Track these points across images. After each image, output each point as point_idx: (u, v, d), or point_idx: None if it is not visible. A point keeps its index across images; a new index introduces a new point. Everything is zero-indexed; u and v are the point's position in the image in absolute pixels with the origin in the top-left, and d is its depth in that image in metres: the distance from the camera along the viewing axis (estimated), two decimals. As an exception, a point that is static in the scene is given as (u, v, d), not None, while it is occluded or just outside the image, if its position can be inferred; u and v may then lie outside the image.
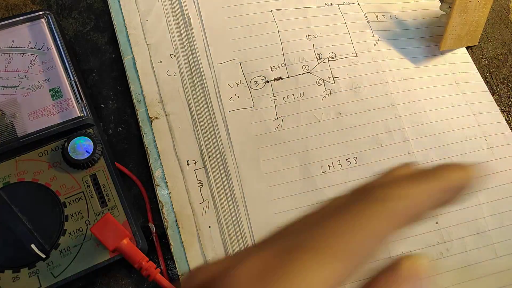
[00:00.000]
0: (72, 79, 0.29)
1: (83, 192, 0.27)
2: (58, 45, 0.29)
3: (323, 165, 0.31)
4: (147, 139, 0.31)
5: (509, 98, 0.36)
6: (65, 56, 0.29)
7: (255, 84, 0.32)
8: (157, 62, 0.32)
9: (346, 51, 0.34)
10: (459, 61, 0.36)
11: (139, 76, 0.32)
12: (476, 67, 0.37)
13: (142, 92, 0.32)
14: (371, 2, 0.37)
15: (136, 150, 0.32)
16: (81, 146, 0.27)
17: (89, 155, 0.27)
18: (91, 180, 0.27)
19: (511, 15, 0.40)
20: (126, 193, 0.28)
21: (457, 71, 0.35)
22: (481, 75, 0.36)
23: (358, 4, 0.36)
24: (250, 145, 0.31)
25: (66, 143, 0.27)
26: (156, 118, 0.31)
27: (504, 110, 0.36)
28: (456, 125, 0.33)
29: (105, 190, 0.27)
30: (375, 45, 0.35)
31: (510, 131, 0.34)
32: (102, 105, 0.32)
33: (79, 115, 0.28)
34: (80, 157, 0.27)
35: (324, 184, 0.31)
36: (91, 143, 0.27)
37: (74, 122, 0.27)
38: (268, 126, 0.31)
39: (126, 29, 0.33)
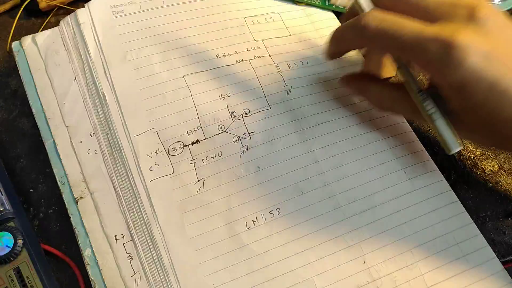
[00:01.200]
0: (-10, 176, 0.30)
1: (7, 287, 0.28)
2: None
3: (247, 221, 0.32)
4: (74, 220, 0.32)
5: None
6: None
7: (174, 150, 0.34)
8: (77, 142, 0.33)
9: (259, 105, 0.35)
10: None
11: (61, 159, 0.33)
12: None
13: (66, 174, 0.33)
14: (282, 51, 0.38)
15: (69, 231, 0.32)
16: (1, 242, 0.28)
17: (9, 249, 0.28)
18: (14, 273, 0.28)
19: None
20: (54, 279, 0.29)
21: (369, 108, 0.37)
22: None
23: (270, 55, 0.38)
24: (174, 212, 0.32)
25: (-15, 241, 0.28)
26: (81, 197, 0.32)
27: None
28: (374, 161, 0.34)
29: (29, 282, 0.28)
30: (288, 94, 0.36)
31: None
32: (31, 190, 0.33)
33: (-1, 210, 0.29)
34: (1, 253, 0.28)
35: (250, 239, 0.31)
36: (11, 237, 0.28)
37: (-8, 218, 0.28)
38: (190, 190, 0.32)
39: (44, 114, 0.34)
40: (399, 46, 0.29)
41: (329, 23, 0.41)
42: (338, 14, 0.42)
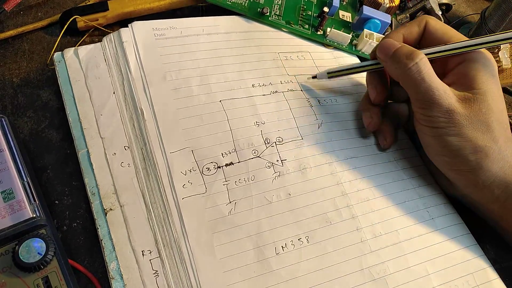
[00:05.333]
0: (25, 179, 0.29)
1: (34, 297, 0.26)
2: (11, 147, 0.30)
3: (276, 246, 0.32)
4: (101, 232, 0.31)
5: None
6: (18, 157, 0.30)
7: (208, 170, 0.34)
8: (111, 154, 0.33)
9: (292, 134, 0.36)
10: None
11: (93, 169, 0.33)
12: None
13: (97, 185, 0.32)
14: (313, 88, 0.40)
15: (92, 246, 0.32)
16: (33, 248, 0.27)
17: (41, 257, 0.27)
18: (43, 283, 0.27)
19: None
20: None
21: (395, 148, 0.38)
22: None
23: (301, 90, 0.39)
24: (204, 231, 0.32)
25: (17, 246, 0.27)
26: (111, 209, 0.32)
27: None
28: (399, 199, 0.35)
29: (58, 292, 0.27)
30: (318, 127, 0.37)
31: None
32: (56, 202, 0.33)
33: (32, 216, 0.28)
34: (32, 260, 0.27)
35: (278, 265, 0.31)
36: (43, 244, 0.27)
37: (26, 223, 0.28)
38: (222, 210, 0.33)
39: (80, 124, 0.34)
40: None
41: (354, 67, 0.44)
42: (362, 59, 0.45)
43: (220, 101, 0.37)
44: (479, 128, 0.31)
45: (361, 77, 0.42)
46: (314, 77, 0.40)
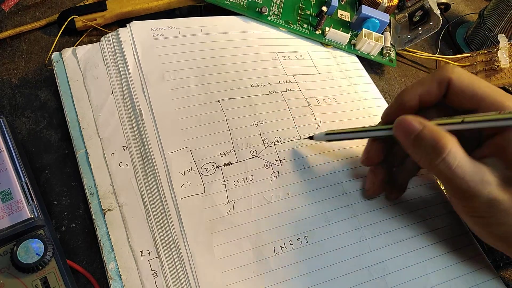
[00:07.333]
0: (23, 180, 0.29)
1: (33, 297, 0.26)
2: (9, 147, 0.30)
3: (275, 246, 0.32)
4: (100, 232, 0.31)
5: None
6: (16, 157, 0.30)
7: (206, 170, 0.34)
8: (109, 154, 0.33)
9: (291, 134, 0.36)
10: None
11: (92, 169, 0.33)
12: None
13: (95, 185, 0.32)
14: (311, 87, 0.40)
15: (90, 246, 0.32)
16: (31, 249, 0.27)
17: (39, 257, 0.27)
18: (41, 283, 0.27)
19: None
20: (78, 292, 0.28)
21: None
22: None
23: (300, 90, 0.39)
24: (203, 231, 0.31)
25: (15, 246, 0.27)
26: (109, 210, 0.32)
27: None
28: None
29: (56, 293, 0.27)
30: (317, 127, 0.37)
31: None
32: (55, 202, 0.33)
33: (30, 216, 0.28)
34: (30, 261, 0.27)
35: (277, 265, 0.31)
36: (42, 245, 0.27)
37: (24, 224, 0.28)
38: (220, 210, 0.32)
39: (79, 124, 0.34)
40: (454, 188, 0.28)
41: (353, 66, 0.44)
42: (361, 58, 0.45)
43: (218, 101, 0.37)
44: None
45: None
46: (311, 138, 0.36)
